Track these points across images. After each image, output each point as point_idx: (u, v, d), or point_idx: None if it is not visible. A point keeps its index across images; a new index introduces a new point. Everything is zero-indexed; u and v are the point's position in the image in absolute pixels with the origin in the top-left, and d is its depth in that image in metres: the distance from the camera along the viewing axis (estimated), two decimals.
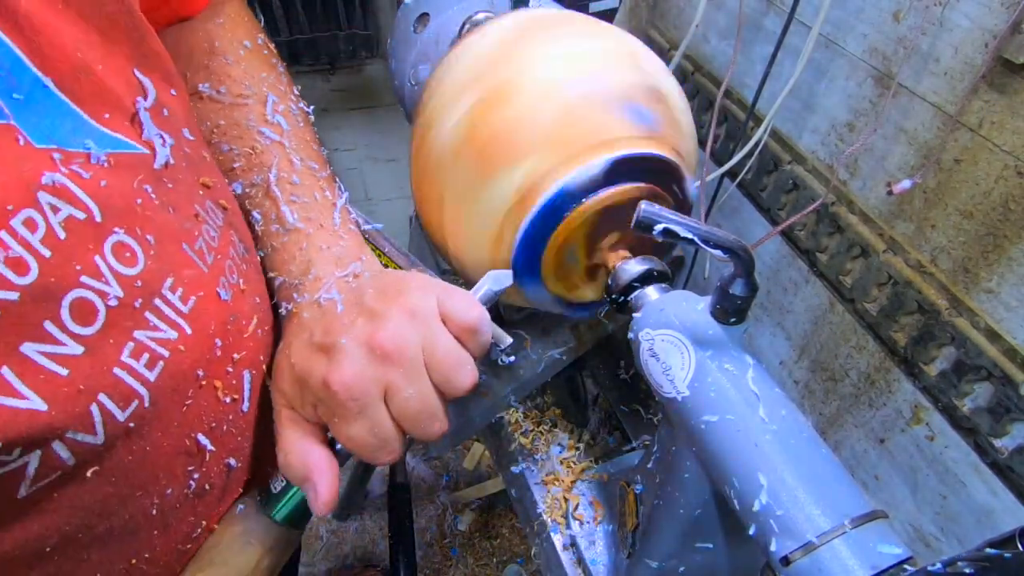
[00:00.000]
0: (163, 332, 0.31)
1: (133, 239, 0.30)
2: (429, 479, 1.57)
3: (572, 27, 0.50)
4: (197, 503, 0.37)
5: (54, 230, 0.26)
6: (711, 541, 0.45)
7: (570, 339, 0.72)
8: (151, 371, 0.31)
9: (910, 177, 0.61)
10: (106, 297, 0.28)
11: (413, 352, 0.36)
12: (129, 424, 0.30)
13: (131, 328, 0.30)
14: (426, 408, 0.36)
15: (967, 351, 0.58)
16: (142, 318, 0.30)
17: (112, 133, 0.30)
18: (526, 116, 0.45)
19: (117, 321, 0.29)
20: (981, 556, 0.27)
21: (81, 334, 0.27)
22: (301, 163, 0.46)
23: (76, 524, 0.29)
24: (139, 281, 0.30)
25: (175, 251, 0.33)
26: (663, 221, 0.35)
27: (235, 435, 0.39)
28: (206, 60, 0.46)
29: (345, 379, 0.34)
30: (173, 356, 0.32)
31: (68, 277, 0.27)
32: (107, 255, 0.28)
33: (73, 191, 0.27)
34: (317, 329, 0.37)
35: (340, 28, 0.99)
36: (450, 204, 0.50)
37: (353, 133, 1.34)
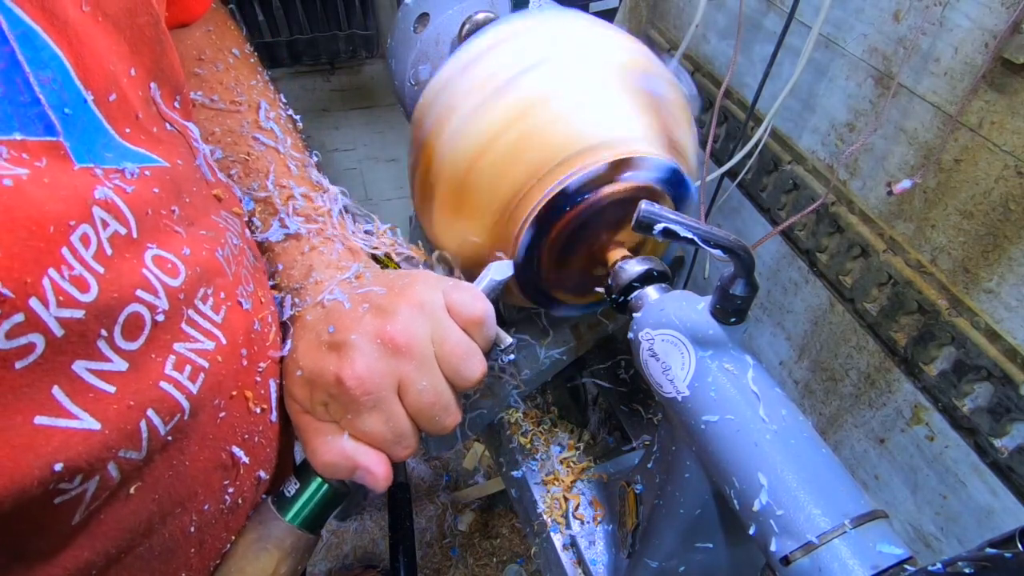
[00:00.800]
0: (201, 343, 0.31)
1: (168, 252, 0.29)
2: (429, 479, 1.57)
3: (577, 32, 0.50)
4: (230, 518, 0.36)
5: (103, 246, 0.25)
6: (711, 541, 0.45)
7: (570, 339, 0.72)
8: (194, 383, 0.30)
9: (910, 177, 0.61)
10: (155, 311, 0.28)
11: (424, 345, 0.36)
12: (168, 438, 0.29)
13: (170, 341, 0.29)
14: (439, 400, 0.36)
15: (967, 351, 0.58)
16: (180, 331, 0.30)
17: (135, 148, 0.29)
18: (535, 127, 0.45)
19: (158, 336, 0.28)
20: (981, 556, 0.27)
21: (126, 349, 0.27)
22: (298, 168, 0.46)
23: (120, 546, 0.29)
24: (182, 293, 0.30)
25: (210, 259, 0.33)
26: (663, 221, 0.35)
27: (265, 446, 0.38)
28: (196, 68, 0.46)
29: (359, 373, 0.34)
30: (212, 367, 0.31)
31: (124, 292, 0.26)
32: (152, 267, 0.28)
33: (120, 206, 0.27)
34: (324, 328, 0.37)
35: (340, 28, 0.99)
36: (450, 206, 0.50)
37: (353, 133, 1.34)
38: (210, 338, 0.32)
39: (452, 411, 0.38)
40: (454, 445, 0.67)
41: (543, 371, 0.72)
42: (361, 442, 0.36)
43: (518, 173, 0.46)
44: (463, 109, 0.47)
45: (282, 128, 0.48)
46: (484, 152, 0.46)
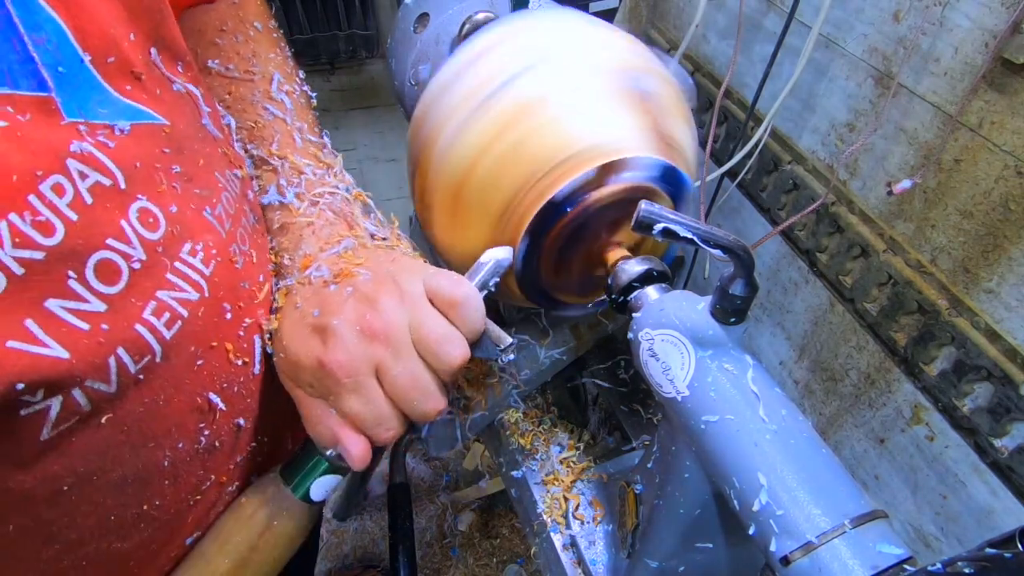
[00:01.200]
0: (185, 293, 0.33)
1: (156, 205, 0.32)
2: (429, 479, 1.57)
3: (563, 35, 0.49)
4: (207, 458, 0.39)
5: (82, 195, 0.28)
6: (711, 541, 0.45)
7: (570, 339, 0.72)
8: (169, 329, 0.32)
9: (910, 177, 0.61)
10: (130, 259, 0.30)
11: (400, 332, 0.37)
12: (139, 376, 0.31)
13: (152, 288, 0.32)
14: (416, 384, 0.38)
15: (967, 351, 0.58)
16: (164, 280, 0.32)
17: (134, 104, 0.31)
18: (522, 137, 0.45)
19: (139, 282, 0.31)
20: (981, 556, 0.27)
21: (105, 292, 0.29)
22: (302, 141, 0.47)
23: (91, 468, 0.31)
24: (160, 247, 0.32)
25: (196, 217, 0.35)
26: (663, 221, 0.35)
27: (245, 396, 0.41)
28: (216, 38, 0.48)
29: (339, 359, 0.36)
30: (191, 316, 0.34)
31: (94, 239, 0.28)
32: (132, 220, 0.30)
33: (100, 158, 0.29)
34: (310, 309, 0.39)
35: (340, 28, 0.99)
36: (448, 216, 0.50)
37: (353, 133, 1.34)
38: (196, 288, 0.34)
39: (432, 396, 0.39)
40: (454, 446, 0.67)
41: (543, 371, 0.71)
42: (345, 421, 0.38)
43: (509, 184, 0.46)
44: (453, 123, 0.47)
45: (294, 102, 0.49)
46: (475, 165, 0.46)
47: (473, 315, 0.39)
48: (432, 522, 1.50)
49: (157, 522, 0.37)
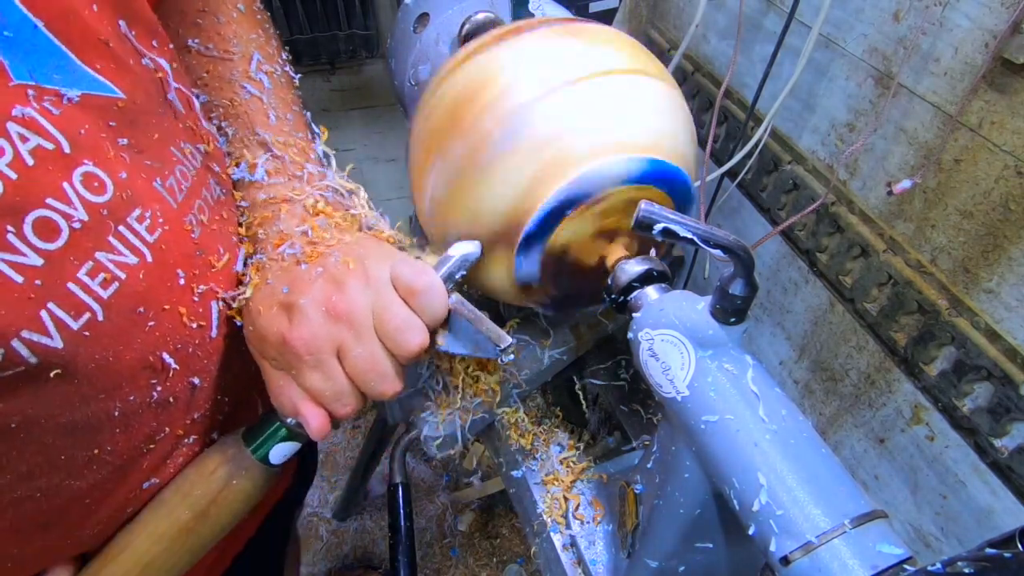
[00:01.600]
0: (124, 257, 0.35)
1: (103, 171, 0.33)
2: (429, 479, 1.57)
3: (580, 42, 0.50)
4: (160, 412, 0.41)
5: (22, 157, 0.29)
6: (711, 541, 0.45)
7: (570, 338, 0.72)
8: (105, 290, 0.34)
9: (910, 177, 0.61)
10: (70, 219, 0.32)
11: (363, 316, 0.39)
12: (84, 333, 0.33)
13: (93, 249, 0.33)
14: (374, 367, 0.40)
15: (967, 351, 0.58)
16: (105, 241, 0.34)
17: (94, 74, 0.33)
18: (533, 127, 0.45)
19: (80, 241, 0.32)
20: (981, 556, 0.27)
21: (43, 248, 0.31)
22: (277, 119, 0.48)
23: (39, 412, 0.33)
24: (106, 209, 0.33)
25: (144, 187, 0.36)
26: (663, 221, 0.35)
27: (201, 357, 0.42)
28: (197, 18, 0.49)
29: (302, 335, 0.38)
30: (130, 279, 0.35)
31: (31, 198, 0.30)
32: (75, 183, 0.32)
33: (42, 124, 0.30)
34: (279, 287, 0.40)
35: (340, 28, 0.99)
36: (450, 209, 0.50)
37: (353, 133, 1.34)
38: (136, 254, 0.36)
39: (389, 379, 0.41)
40: (454, 446, 0.67)
41: (543, 371, 0.71)
42: (306, 395, 0.40)
43: (510, 184, 0.46)
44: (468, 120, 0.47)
45: (273, 81, 0.50)
46: (474, 164, 0.46)
47: (434, 304, 0.41)
48: (432, 522, 1.50)
49: (110, 466, 0.39)
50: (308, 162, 0.48)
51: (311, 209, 0.45)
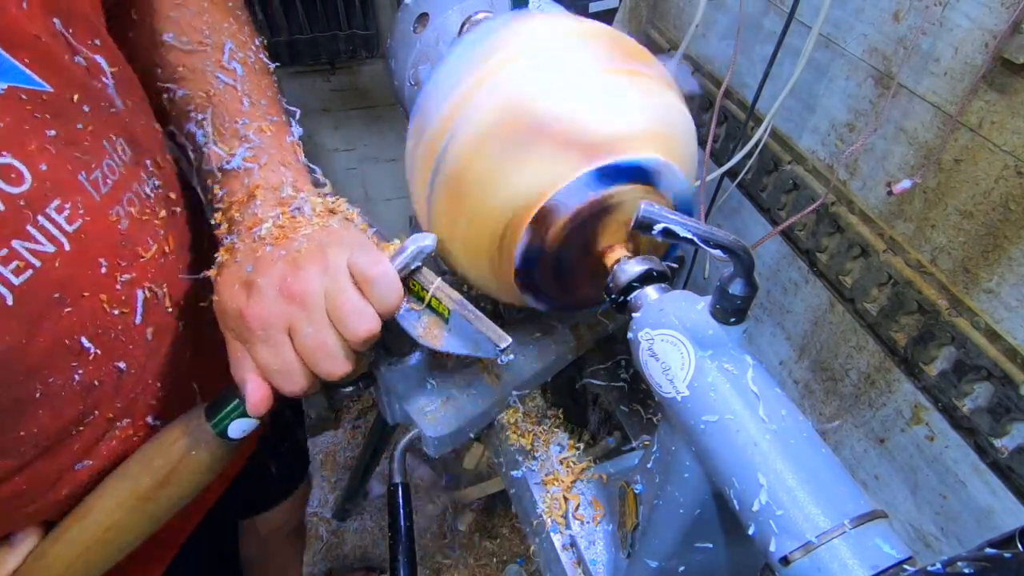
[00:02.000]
0: (41, 245, 0.36)
1: (22, 163, 0.35)
2: (429, 479, 1.57)
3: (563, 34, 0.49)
4: (86, 395, 0.43)
5: None
6: (711, 541, 0.45)
7: (570, 339, 0.72)
8: (17, 277, 0.35)
9: (910, 177, 0.61)
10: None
11: (316, 298, 0.41)
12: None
13: (9, 237, 0.35)
14: (322, 347, 0.42)
15: (967, 351, 0.58)
16: (23, 230, 0.35)
17: (21, 67, 0.34)
18: (531, 128, 0.45)
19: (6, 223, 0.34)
20: (981, 556, 0.27)
21: None
22: (251, 105, 0.50)
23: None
24: (23, 200, 0.35)
25: (66, 179, 0.38)
26: (663, 221, 0.35)
27: (125, 343, 0.44)
28: (171, 12, 0.50)
29: (256, 311, 0.41)
30: (44, 267, 0.37)
31: None
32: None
33: None
34: (245, 264, 0.43)
35: (340, 28, 0.99)
36: (450, 211, 0.50)
37: (353, 133, 1.34)
38: (53, 243, 0.37)
39: (337, 360, 0.42)
40: (453, 446, 0.67)
41: (542, 371, 0.71)
42: (255, 368, 0.43)
43: (509, 183, 0.46)
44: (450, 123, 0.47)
45: (247, 69, 0.52)
46: (473, 164, 0.47)
47: (387, 293, 0.42)
48: (432, 522, 1.50)
49: (38, 447, 0.41)
50: (283, 146, 0.50)
51: (283, 193, 0.47)
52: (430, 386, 0.66)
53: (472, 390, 0.67)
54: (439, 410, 0.65)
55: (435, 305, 0.48)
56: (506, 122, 0.45)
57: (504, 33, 0.49)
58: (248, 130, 0.49)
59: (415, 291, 0.48)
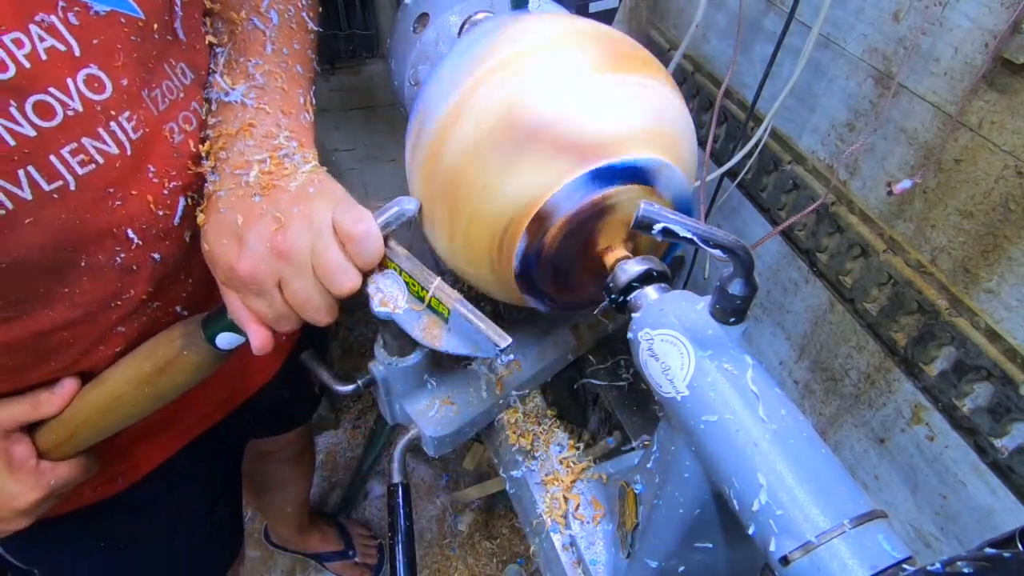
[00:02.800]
0: (107, 146, 0.42)
1: (107, 75, 0.40)
2: (429, 479, 1.57)
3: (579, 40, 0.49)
4: (124, 275, 0.48)
5: (38, 52, 0.36)
6: (711, 541, 0.45)
7: (570, 339, 0.72)
8: (82, 168, 0.41)
9: (910, 177, 0.61)
10: (66, 107, 0.39)
11: (302, 255, 0.44)
12: (53, 195, 0.40)
13: (81, 134, 0.40)
14: (309, 300, 0.45)
15: (967, 351, 0.58)
16: (95, 131, 0.41)
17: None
18: (526, 132, 0.45)
19: (72, 125, 0.39)
20: (981, 556, 0.27)
21: (38, 124, 0.38)
22: (272, 51, 0.53)
23: (20, 252, 0.40)
24: (100, 106, 0.40)
25: (137, 94, 0.43)
26: (663, 220, 0.35)
27: (163, 239, 0.49)
28: None
29: (247, 268, 0.44)
30: (106, 165, 0.42)
31: (37, 84, 0.37)
32: (79, 81, 0.39)
33: (59, 29, 0.37)
34: (233, 215, 0.45)
35: (340, 28, 0.99)
36: (450, 212, 0.50)
37: (353, 133, 1.34)
38: (118, 147, 0.43)
39: (322, 311, 0.46)
40: (453, 445, 0.67)
41: (542, 371, 0.71)
42: (252, 314, 0.46)
43: (518, 180, 0.46)
44: (448, 122, 0.47)
45: (283, 20, 0.54)
46: (471, 163, 0.47)
47: (368, 250, 0.45)
48: (432, 522, 1.50)
49: (81, 307, 0.47)
50: (289, 97, 0.52)
51: (281, 141, 0.49)
52: (430, 386, 0.66)
53: (472, 390, 0.67)
54: (439, 410, 0.65)
55: (435, 305, 0.48)
56: (502, 126, 0.45)
57: (500, 35, 0.49)
58: (258, 71, 0.51)
59: (415, 291, 0.48)
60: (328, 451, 1.64)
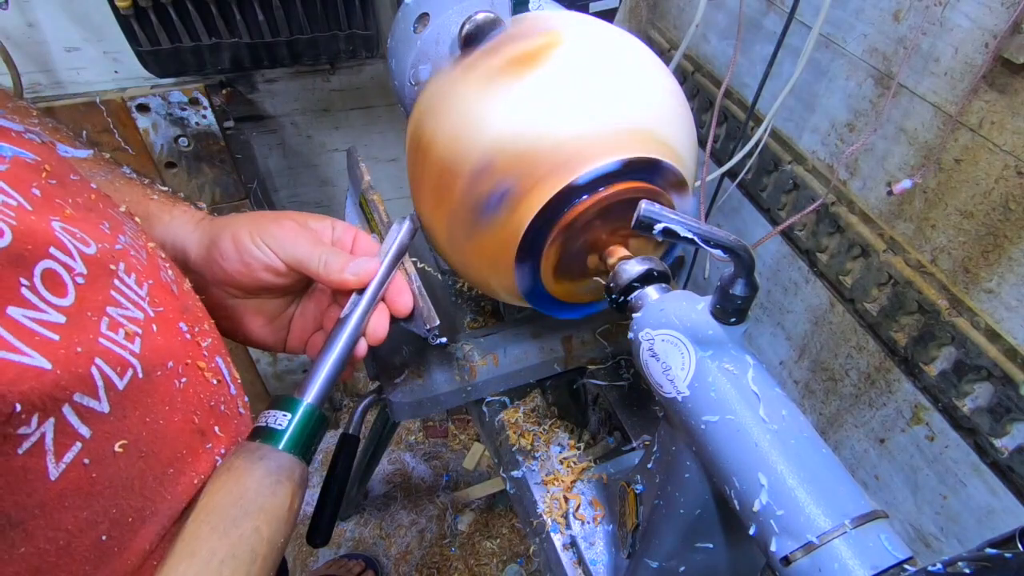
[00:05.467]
0: (130, 311, 0.32)
1: (76, 227, 0.31)
2: (429, 479, 1.57)
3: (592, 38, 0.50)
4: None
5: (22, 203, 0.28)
6: (711, 541, 0.45)
7: (559, 349, 0.72)
8: (132, 343, 0.31)
9: (910, 177, 0.61)
10: (72, 272, 0.29)
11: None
12: (128, 393, 0.30)
13: (102, 304, 0.31)
14: None
15: (967, 351, 0.58)
16: (110, 296, 0.31)
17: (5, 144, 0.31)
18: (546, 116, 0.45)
19: (87, 296, 0.30)
20: (981, 556, 0.27)
21: (59, 304, 0.28)
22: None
23: (119, 505, 0.30)
24: (97, 263, 0.31)
25: (114, 243, 0.34)
26: (663, 220, 0.35)
27: (230, 417, 0.39)
28: None
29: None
30: (147, 333, 0.33)
31: (39, 246, 0.28)
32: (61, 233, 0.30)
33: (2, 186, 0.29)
34: None
35: (340, 28, 0.99)
36: (449, 206, 0.50)
37: (353, 133, 1.33)
38: (138, 308, 0.33)
39: None
40: (415, 416, 0.69)
41: (521, 372, 0.72)
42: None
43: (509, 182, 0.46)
44: (451, 122, 0.47)
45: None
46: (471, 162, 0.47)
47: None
48: (432, 522, 1.50)
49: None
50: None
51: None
52: (406, 352, 0.69)
53: (441, 371, 0.69)
54: (405, 380, 0.68)
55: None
56: (497, 154, 0.46)
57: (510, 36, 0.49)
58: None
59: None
60: (328, 451, 1.63)
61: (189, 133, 1.00)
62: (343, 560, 1.43)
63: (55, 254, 0.28)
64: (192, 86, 0.96)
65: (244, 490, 0.35)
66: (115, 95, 0.94)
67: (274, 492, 0.36)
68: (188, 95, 0.96)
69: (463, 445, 1.63)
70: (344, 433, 0.65)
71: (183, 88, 0.96)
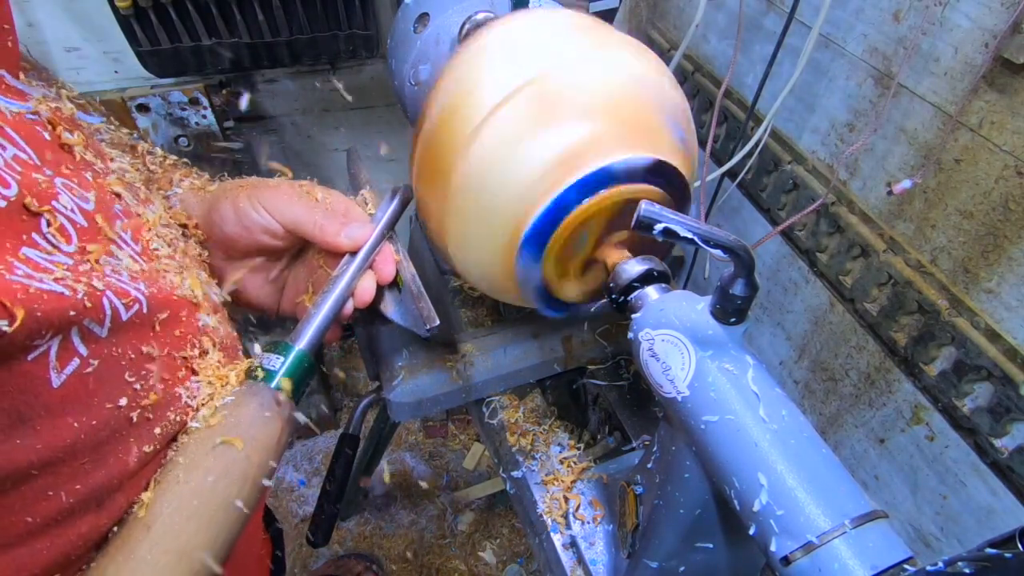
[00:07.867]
0: (135, 262, 0.35)
1: (75, 183, 0.33)
2: (429, 479, 1.57)
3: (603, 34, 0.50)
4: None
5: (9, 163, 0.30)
6: (711, 541, 0.45)
7: (559, 350, 0.72)
8: (137, 283, 0.34)
9: (910, 177, 0.61)
10: (75, 224, 0.32)
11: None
12: (128, 325, 0.33)
13: (103, 251, 0.33)
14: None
15: (967, 351, 0.58)
16: (110, 251, 0.34)
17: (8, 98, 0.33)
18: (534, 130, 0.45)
19: (93, 238, 0.33)
20: (981, 556, 0.27)
21: (65, 250, 0.31)
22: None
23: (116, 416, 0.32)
24: (99, 216, 0.34)
25: (111, 202, 0.36)
26: (663, 221, 0.35)
27: (223, 364, 0.42)
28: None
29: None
30: (149, 281, 0.35)
31: (43, 197, 0.30)
32: (60, 188, 0.32)
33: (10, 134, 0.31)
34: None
35: (340, 28, 0.99)
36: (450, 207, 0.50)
37: (353, 133, 1.33)
38: (135, 261, 0.36)
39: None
40: (414, 416, 0.69)
41: (518, 372, 0.72)
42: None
43: (511, 182, 0.46)
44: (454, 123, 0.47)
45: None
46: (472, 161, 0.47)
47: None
48: (432, 522, 1.50)
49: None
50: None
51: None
52: (406, 353, 0.68)
53: (435, 372, 0.69)
54: (404, 380, 0.68)
55: (396, 279, 0.49)
56: (510, 124, 0.45)
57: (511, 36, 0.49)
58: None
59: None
60: (328, 451, 1.63)
61: (189, 133, 1.00)
62: (343, 560, 1.43)
63: (56, 206, 0.31)
64: (192, 86, 0.96)
65: (238, 420, 0.38)
66: (115, 95, 0.94)
67: (265, 424, 0.39)
68: (188, 95, 0.96)
69: (463, 445, 1.63)
70: (344, 433, 0.65)
71: (183, 88, 0.96)
